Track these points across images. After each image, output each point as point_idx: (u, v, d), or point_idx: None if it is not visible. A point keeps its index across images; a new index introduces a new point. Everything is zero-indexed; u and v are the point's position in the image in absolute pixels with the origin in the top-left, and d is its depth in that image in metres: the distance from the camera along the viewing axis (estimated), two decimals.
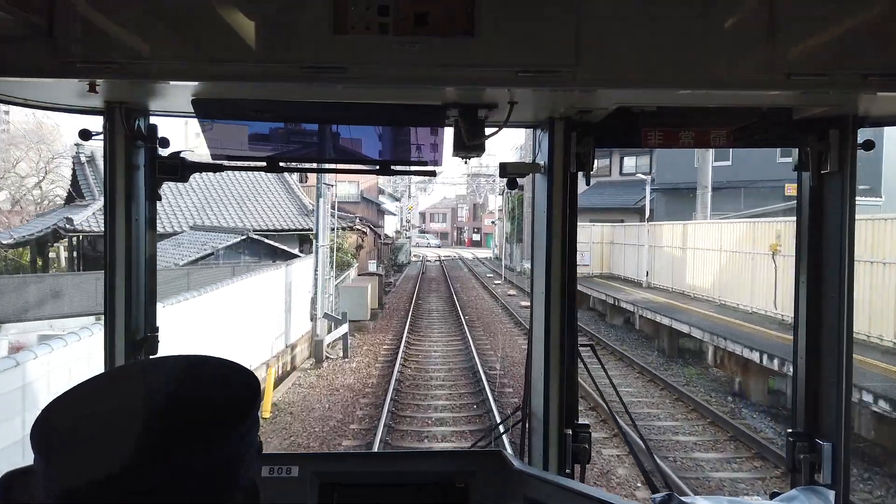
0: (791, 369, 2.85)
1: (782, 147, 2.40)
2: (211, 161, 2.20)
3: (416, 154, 2.25)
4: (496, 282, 34.17)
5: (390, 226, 54.11)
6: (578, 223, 2.20)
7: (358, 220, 27.62)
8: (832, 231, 2.15)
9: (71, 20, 1.59)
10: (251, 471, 0.90)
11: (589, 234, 26.92)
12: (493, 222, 59.68)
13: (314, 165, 2.90)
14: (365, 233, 29.86)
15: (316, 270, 16.58)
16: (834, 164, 2.09)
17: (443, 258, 58.48)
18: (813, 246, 2.21)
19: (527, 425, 2.36)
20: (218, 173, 12.95)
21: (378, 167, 2.29)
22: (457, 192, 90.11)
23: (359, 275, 24.67)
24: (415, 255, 60.40)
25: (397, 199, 59.91)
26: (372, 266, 29.77)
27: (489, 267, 46.78)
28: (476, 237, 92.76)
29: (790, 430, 2.27)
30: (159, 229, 6.56)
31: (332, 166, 2.66)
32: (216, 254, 18.51)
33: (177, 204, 23.25)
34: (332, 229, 19.69)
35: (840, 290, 2.11)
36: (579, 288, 16.12)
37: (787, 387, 11.15)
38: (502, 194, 10.36)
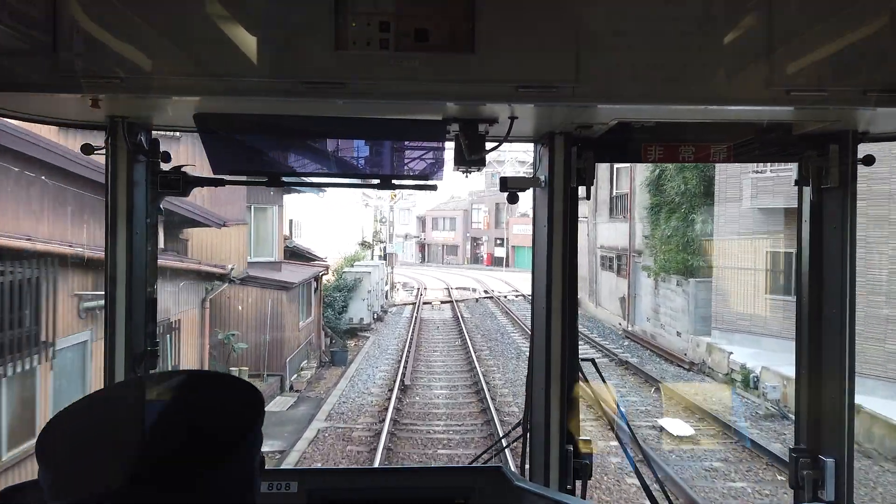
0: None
1: (783, 162, 2.41)
2: (212, 176, 2.21)
3: (417, 168, 2.26)
4: None
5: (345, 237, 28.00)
6: None
7: None
8: (833, 246, 2.14)
9: (73, 35, 1.61)
10: (254, 487, 0.88)
11: None
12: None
13: (315, 180, 2.93)
14: None
15: None
16: (834, 178, 2.09)
17: (457, 298, 31.51)
18: (814, 260, 2.20)
19: (527, 440, 2.34)
20: None
21: (379, 181, 2.30)
22: (470, 189, 60.50)
23: None
24: (405, 285, 35.51)
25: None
26: None
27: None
28: (499, 251, 57.85)
29: (792, 447, 2.25)
30: None
31: (333, 180, 2.68)
32: None
33: None
34: None
35: (842, 305, 2.10)
36: None
37: None
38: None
